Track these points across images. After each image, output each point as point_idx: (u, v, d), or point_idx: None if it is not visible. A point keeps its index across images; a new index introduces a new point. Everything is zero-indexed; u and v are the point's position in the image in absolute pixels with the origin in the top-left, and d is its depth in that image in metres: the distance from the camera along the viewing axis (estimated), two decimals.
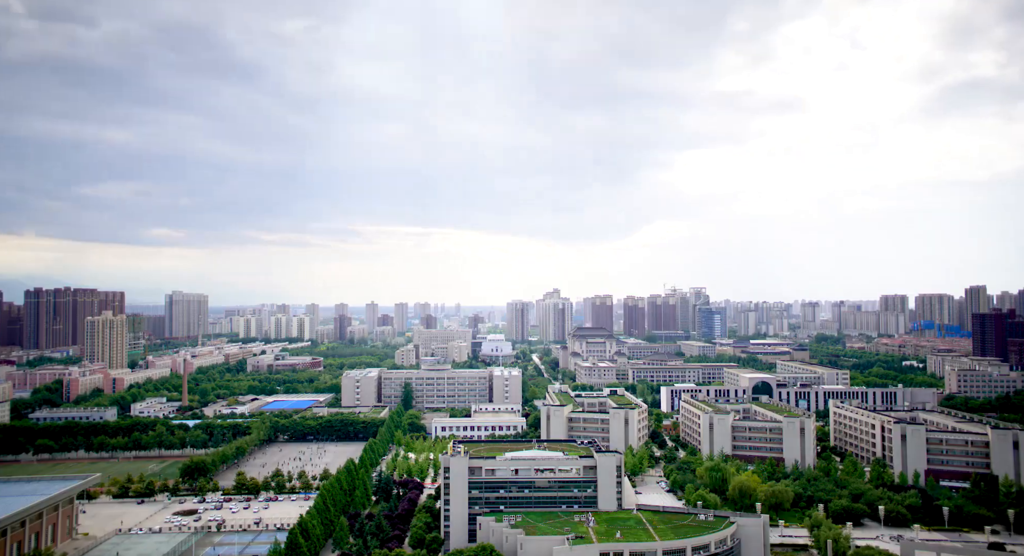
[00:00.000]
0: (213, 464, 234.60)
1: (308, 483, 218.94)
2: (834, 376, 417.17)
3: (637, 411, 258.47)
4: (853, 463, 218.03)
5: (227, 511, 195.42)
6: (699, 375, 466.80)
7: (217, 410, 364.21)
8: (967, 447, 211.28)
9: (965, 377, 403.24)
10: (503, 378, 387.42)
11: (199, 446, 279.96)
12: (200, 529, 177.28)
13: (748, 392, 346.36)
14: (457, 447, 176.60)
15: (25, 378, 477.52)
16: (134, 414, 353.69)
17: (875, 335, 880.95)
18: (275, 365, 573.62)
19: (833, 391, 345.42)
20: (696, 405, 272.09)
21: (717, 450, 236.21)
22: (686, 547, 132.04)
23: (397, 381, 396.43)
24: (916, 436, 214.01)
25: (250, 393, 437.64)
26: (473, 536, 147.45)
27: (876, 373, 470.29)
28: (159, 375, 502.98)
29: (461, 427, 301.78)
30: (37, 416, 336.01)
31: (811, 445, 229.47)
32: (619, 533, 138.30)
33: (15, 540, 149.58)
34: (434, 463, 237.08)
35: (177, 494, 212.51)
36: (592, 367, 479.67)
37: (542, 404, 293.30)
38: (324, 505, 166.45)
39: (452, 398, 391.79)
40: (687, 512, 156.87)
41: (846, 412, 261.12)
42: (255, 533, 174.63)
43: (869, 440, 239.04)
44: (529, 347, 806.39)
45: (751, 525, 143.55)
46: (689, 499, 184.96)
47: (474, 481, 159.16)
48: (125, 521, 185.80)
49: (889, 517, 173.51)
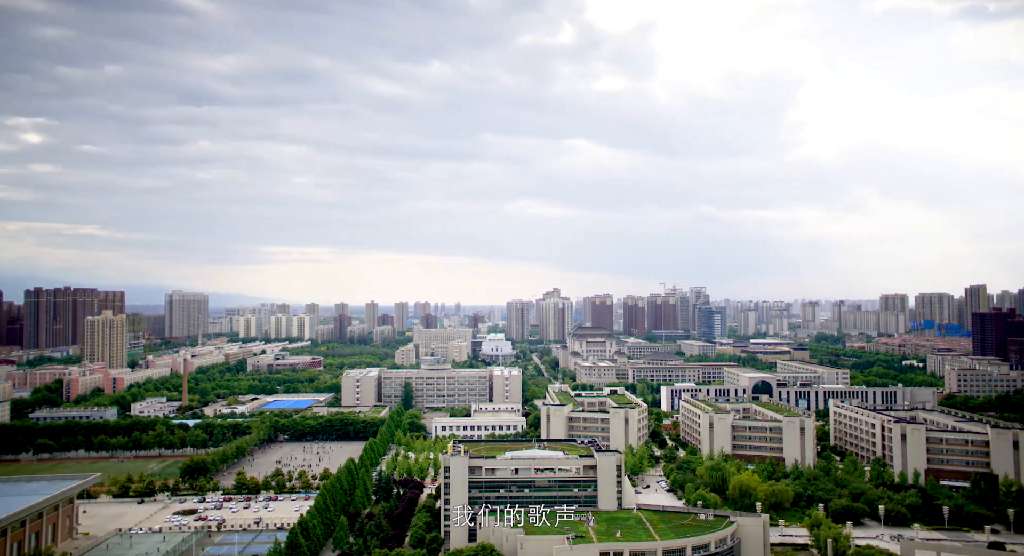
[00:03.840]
0: (213, 464, 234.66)
1: (308, 483, 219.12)
2: (834, 376, 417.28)
3: (637, 410, 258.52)
4: (853, 462, 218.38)
5: (227, 511, 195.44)
6: (699, 375, 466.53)
7: (217, 410, 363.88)
8: (967, 446, 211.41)
9: (965, 376, 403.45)
10: (503, 378, 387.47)
11: (199, 446, 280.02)
12: (200, 529, 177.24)
13: (748, 391, 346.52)
14: (457, 447, 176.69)
15: (25, 378, 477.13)
16: (134, 414, 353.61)
17: (875, 335, 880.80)
18: (275, 365, 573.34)
19: (833, 390, 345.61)
20: (696, 404, 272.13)
21: (717, 449, 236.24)
22: (686, 546, 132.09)
23: (397, 381, 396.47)
24: (916, 435, 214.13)
25: (250, 393, 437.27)
26: (473, 535, 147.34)
27: (876, 372, 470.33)
28: (159, 375, 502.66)
29: (461, 427, 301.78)
30: (37, 416, 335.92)
31: (811, 444, 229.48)
32: (619, 533, 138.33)
33: (15, 540, 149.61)
34: (434, 463, 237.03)
35: (177, 494, 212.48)
36: (592, 367, 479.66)
37: (542, 404, 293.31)
38: (324, 505, 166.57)
39: (452, 398, 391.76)
40: (687, 512, 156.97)
41: (846, 411, 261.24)
42: (255, 533, 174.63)
43: (869, 439, 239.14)
44: (529, 347, 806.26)
45: (751, 524, 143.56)
46: (689, 499, 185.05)
47: (474, 481, 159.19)
48: (125, 521, 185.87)
49: (889, 516, 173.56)
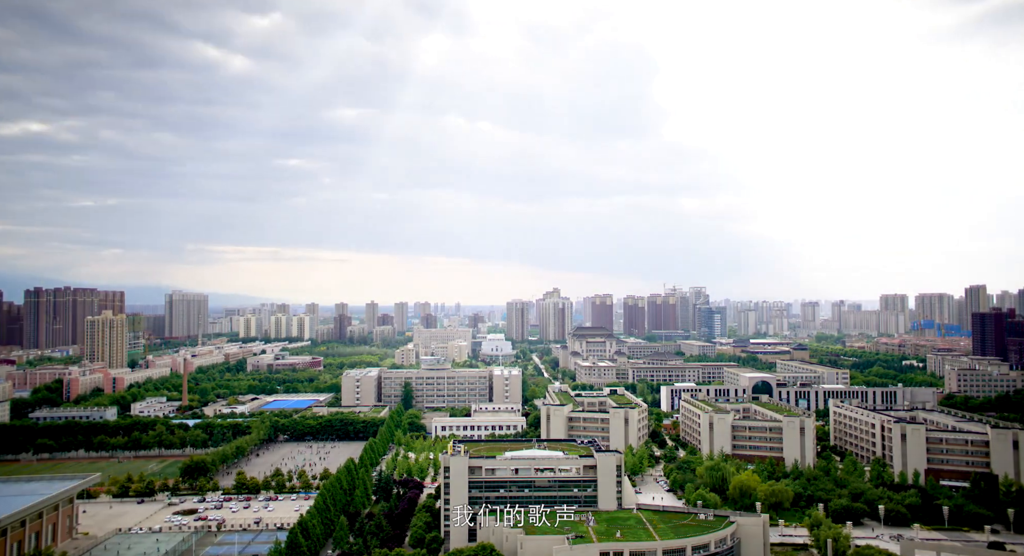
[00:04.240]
0: (213, 464, 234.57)
1: (308, 483, 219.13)
2: (834, 375, 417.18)
3: (637, 410, 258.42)
4: (853, 462, 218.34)
5: (227, 511, 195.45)
6: (699, 374, 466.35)
7: (217, 410, 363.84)
8: (967, 446, 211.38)
9: (965, 376, 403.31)
10: (503, 377, 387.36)
11: (199, 446, 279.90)
12: (200, 529, 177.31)
13: (748, 391, 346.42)
14: (457, 446, 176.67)
15: (25, 378, 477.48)
16: (134, 414, 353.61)
17: (875, 334, 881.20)
18: (275, 365, 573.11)
19: (833, 390, 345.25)
20: (696, 404, 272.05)
21: (717, 449, 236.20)
22: (686, 546, 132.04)
23: (397, 381, 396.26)
24: (916, 435, 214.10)
25: (250, 393, 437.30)
26: (473, 535, 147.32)
27: (876, 372, 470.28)
28: (159, 375, 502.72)
29: (461, 426, 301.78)
30: (37, 416, 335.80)
31: (811, 444, 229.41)
32: (619, 532, 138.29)
33: (15, 540, 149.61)
34: (434, 463, 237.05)
35: (177, 494, 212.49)
36: (592, 366, 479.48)
37: (542, 403, 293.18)
38: (324, 505, 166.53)
39: (452, 398, 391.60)
40: (687, 511, 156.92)
41: (846, 411, 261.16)
42: (255, 533, 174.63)
43: (869, 439, 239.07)
44: (529, 347, 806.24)
45: (751, 524, 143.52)
46: (689, 498, 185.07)
47: (474, 480, 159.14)
48: (125, 521, 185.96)
49: (889, 516, 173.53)
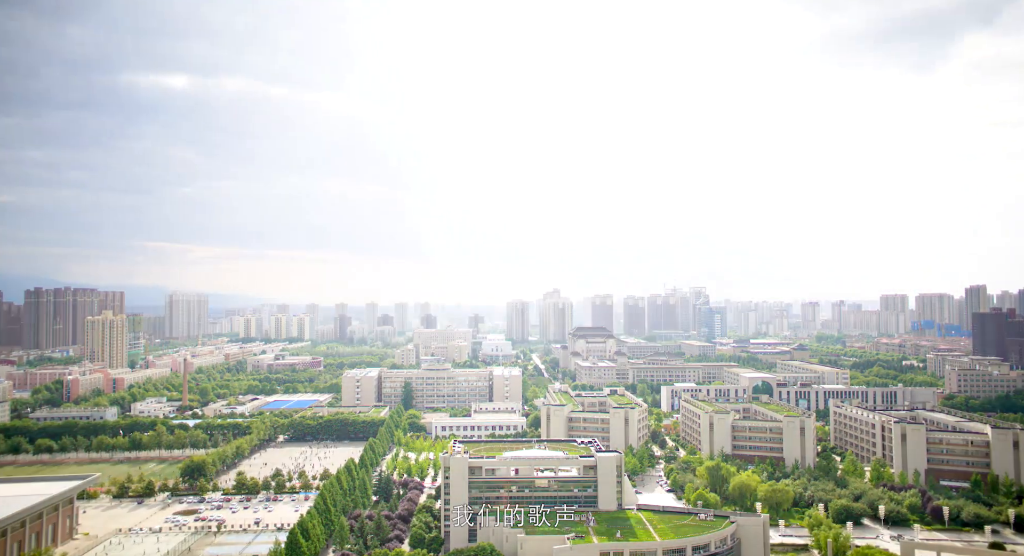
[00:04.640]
0: (213, 464, 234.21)
1: (308, 483, 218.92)
2: (834, 376, 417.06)
3: (637, 411, 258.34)
4: (853, 462, 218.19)
5: (227, 511, 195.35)
6: (699, 375, 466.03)
7: (217, 410, 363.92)
8: (967, 447, 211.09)
9: (965, 377, 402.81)
10: (503, 377, 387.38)
11: (199, 446, 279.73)
12: (200, 529, 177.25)
13: (748, 392, 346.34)
14: (457, 446, 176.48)
15: (25, 378, 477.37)
16: (134, 414, 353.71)
17: (875, 335, 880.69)
18: (275, 365, 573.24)
19: (833, 391, 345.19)
20: (696, 404, 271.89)
21: (717, 450, 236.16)
22: (686, 546, 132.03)
23: (397, 381, 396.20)
24: (916, 435, 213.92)
25: (250, 393, 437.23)
26: (473, 536, 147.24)
27: (876, 373, 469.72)
28: (159, 375, 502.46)
29: (461, 427, 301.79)
30: (37, 416, 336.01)
31: (811, 444, 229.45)
32: (619, 532, 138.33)
33: (15, 540, 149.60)
34: (434, 463, 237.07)
35: (177, 494, 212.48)
36: (592, 366, 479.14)
37: (542, 403, 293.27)
38: (324, 505, 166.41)
39: (452, 398, 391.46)
40: (687, 512, 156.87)
41: (846, 411, 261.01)
42: (255, 533, 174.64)
43: (869, 439, 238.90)
44: (529, 347, 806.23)
45: (751, 524, 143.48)
46: (689, 499, 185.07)
47: (474, 481, 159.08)
48: (125, 521, 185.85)
49: (889, 517, 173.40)
